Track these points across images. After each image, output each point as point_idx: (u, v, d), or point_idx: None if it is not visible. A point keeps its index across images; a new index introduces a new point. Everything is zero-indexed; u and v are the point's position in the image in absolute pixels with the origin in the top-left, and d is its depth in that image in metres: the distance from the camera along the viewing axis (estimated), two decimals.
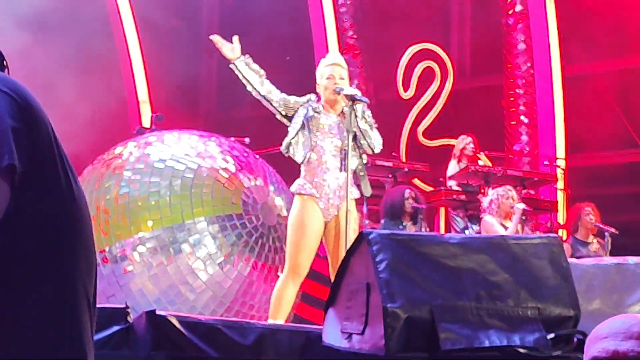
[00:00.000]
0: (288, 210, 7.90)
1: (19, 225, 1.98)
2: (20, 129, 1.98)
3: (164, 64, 14.00)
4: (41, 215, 2.02)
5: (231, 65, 6.59)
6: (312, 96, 6.65)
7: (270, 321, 6.33)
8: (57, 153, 2.12)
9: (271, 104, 6.57)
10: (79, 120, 12.49)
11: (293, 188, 6.63)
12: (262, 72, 6.60)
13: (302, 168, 6.56)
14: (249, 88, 6.57)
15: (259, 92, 6.54)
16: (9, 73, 2.25)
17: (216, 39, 6.69)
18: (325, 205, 6.49)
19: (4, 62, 2.26)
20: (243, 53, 6.63)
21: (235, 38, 6.65)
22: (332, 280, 6.53)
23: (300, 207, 6.49)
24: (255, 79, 6.52)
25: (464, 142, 11.53)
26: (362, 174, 6.62)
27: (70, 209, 2.13)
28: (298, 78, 6.90)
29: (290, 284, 6.46)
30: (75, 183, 2.19)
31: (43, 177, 2.03)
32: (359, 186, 6.69)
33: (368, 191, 6.71)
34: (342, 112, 6.63)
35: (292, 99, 6.59)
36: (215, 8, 14.93)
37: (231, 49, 6.61)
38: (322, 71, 6.67)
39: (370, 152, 6.76)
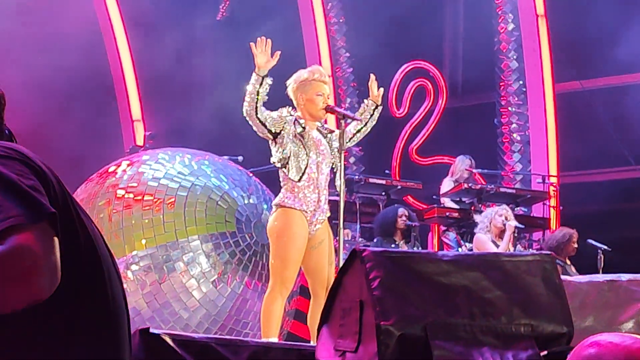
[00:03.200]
0: None
1: None
2: (37, 186, 1.97)
3: (158, 83, 14.01)
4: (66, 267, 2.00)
5: (255, 76, 6.41)
6: (291, 110, 6.58)
7: (263, 339, 6.30)
8: (70, 201, 2.12)
9: (263, 125, 6.48)
10: (72, 138, 12.50)
11: (277, 200, 6.57)
12: (266, 98, 6.51)
13: (287, 181, 6.51)
14: (250, 102, 6.40)
15: (255, 113, 6.42)
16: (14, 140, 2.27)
17: (259, 42, 6.56)
18: (311, 219, 6.48)
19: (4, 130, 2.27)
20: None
21: (277, 53, 6.54)
22: (312, 296, 6.57)
23: (286, 219, 6.44)
24: (260, 101, 6.43)
25: (462, 164, 11.57)
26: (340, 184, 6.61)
27: (91, 256, 2.13)
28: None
29: (279, 298, 6.43)
30: (90, 225, 2.19)
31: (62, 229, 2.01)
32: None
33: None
34: (317, 127, 6.65)
35: (276, 114, 6.50)
36: (207, 26, 14.94)
37: (267, 60, 6.49)
38: (311, 85, 6.61)
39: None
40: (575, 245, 10.28)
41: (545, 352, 4.01)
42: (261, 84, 6.38)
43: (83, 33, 13.44)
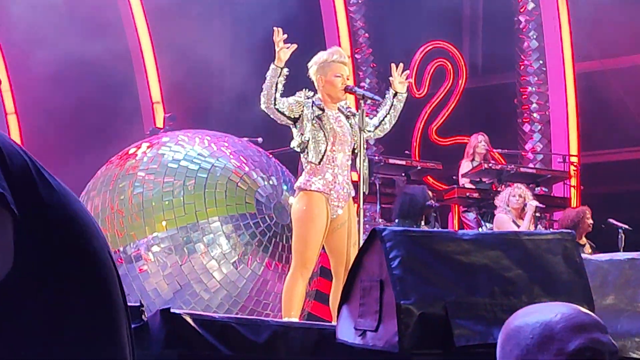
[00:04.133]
0: None
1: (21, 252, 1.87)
2: None
3: (177, 64, 14.02)
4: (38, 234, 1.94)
5: (273, 67, 6.39)
6: (309, 92, 6.57)
7: (284, 319, 6.32)
8: (35, 171, 2.04)
9: (282, 114, 6.47)
10: (92, 121, 12.54)
11: (299, 183, 6.56)
12: (282, 89, 6.50)
13: (308, 164, 6.51)
14: (269, 95, 6.38)
15: (274, 105, 6.41)
16: None
17: (281, 35, 6.55)
18: (333, 202, 6.49)
19: None
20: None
21: (293, 46, 6.54)
22: (334, 276, 6.57)
23: (307, 202, 6.43)
24: (278, 92, 6.42)
25: (476, 140, 11.53)
26: (366, 171, 6.64)
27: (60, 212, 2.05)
28: (309, 77, 6.82)
29: (300, 279, 6.43)
30: (64, 192, 2.09)
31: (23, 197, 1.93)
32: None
33: (366, 189, 6.80)
34: (338, 108, 6.65)
35: (292, 100, 6.47)
36: (226, 8, 14.93)
37: (286, 52, 6.45)
38: (330, 66, 6.60)
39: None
40: (590, 222, 10.26)
41: None
42: (279, 75, 6.38)
43: (102, 15, 13.46)
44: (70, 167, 11.21)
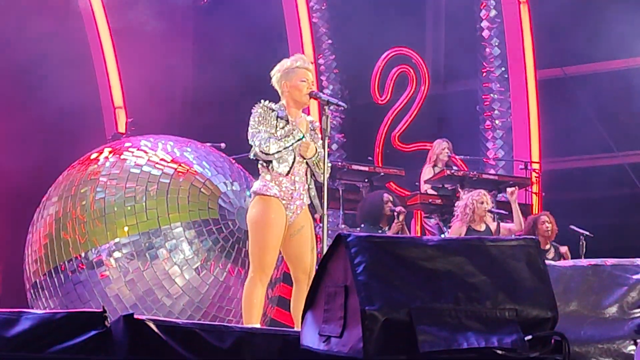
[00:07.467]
0: None
1: None
2: None
3: (140, 69, 13.96)
4: None
5: (299, 135, 6.41)
6: (269, 103, 6.53)
7: (246, 325, 6.29)
8: None
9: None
10: (54, 125, 12.45)
11: (255, 188, 6.53)
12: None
13: (266, 170, 6.48)
14: (274, 152, 6.37)
15: (268, 154, 6.41)
16: None
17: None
18: (290, 207, 6.47)
19: None
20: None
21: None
22: (294, 282, 6.56)
23: (264, 206, 6.40)
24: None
25: (440, 147, 11.56)
26: (313, 193, 6.61)
27: None
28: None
29: (259, 284, 6.41)
30: None
31: None
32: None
33: (320, 211, 6.67)
34: (308, 120, 6.65)
35: (268, 125, 6.47)
36: (189, 12, 14.89)
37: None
38: (295, 72, 6.59)
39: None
40: (547, 226, 10.27)
41: (529, 337, 4.01)
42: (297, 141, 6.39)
43: (64, 19, 13.37)
44: (31, 171, 11.13)
